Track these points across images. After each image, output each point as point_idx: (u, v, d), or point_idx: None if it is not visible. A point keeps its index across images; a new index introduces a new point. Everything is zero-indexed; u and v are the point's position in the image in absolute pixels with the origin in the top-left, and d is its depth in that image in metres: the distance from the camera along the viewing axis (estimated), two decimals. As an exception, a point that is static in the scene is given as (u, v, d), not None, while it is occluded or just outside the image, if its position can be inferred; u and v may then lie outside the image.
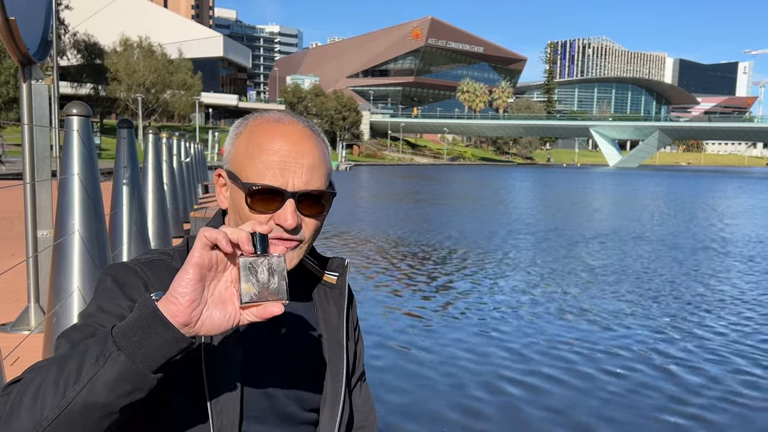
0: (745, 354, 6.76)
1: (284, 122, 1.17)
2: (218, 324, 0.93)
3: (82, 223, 3.65)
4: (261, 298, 0.92)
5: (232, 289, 0.94)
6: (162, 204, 7.66)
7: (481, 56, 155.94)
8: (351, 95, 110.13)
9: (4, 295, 5.14)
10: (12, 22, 3.67)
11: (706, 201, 32.65)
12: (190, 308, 0.90)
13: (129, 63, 67.22)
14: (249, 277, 0.92)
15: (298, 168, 1.12)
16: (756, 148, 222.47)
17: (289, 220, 1.11)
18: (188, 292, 0.89)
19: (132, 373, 0.88)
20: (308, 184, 1.13)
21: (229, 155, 1.19)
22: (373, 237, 15.23)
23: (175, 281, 0.91)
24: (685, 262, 12.62)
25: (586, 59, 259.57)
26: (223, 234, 0.91)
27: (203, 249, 0.91)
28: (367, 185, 41.15)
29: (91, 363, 0.88)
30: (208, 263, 0.91)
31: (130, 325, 0.90)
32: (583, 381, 5.85)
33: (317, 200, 1.16)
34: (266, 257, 0.93)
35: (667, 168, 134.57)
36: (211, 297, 0.93)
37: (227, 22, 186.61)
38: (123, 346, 0.88)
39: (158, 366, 0.90)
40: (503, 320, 7.86)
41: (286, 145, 1.13)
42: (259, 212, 1.12)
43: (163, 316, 0.89)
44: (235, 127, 1.21)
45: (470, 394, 5.46)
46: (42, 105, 4.25)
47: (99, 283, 1.13)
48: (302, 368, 1.23)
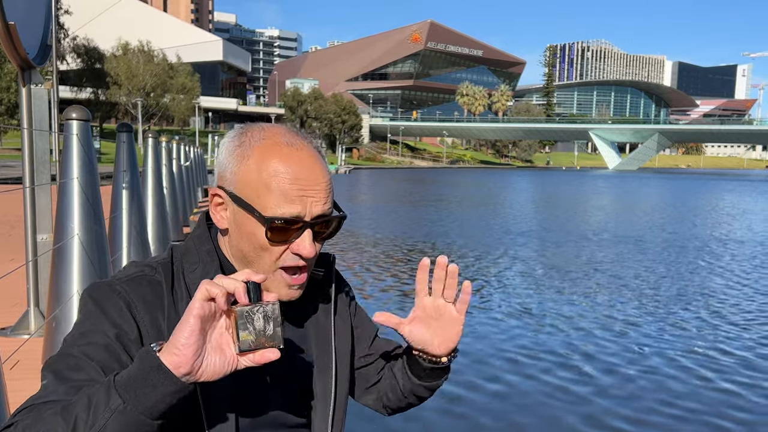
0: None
1: (297, 147, 1.13)
2: (218, 370, 0.95)
3: (82, 227, 3.65)
4: (258, 345, 0.95)
5: (227, 336, 0.96)
6: (162, 208, 7.65)
7: (481, 59, 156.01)
8: (350, 99, 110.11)
9: (3, 300, 5.13)
10: (12, 27, 3.68)
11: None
12: (193, 358, 0.91)
13: (129, 67, 67.22)
14: (246, 325, 0.94)
15: (315, 195, 1.11)
16: (755, 151, 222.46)
17: (308, 248, 1.11)
18: (191, 344, 0.91)
19: (136, 424, 0.90)
20: (324, 209, 1.13)
21: (233, 177, 1.13)
22: (388, 241, 15.22)
23: (177, 332, 0.92)
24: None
25: (585, 62, 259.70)
26: (221, 289, 0.93)
27: (203, 300, 0.92)
28: (367, 189, 41.12)
29: (97, 415, 0.90)
30: (208, 313, 0.93)
31: (134, 377, 0.91)
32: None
33: (329, 224, 1.16)
34: (261, 305, 0.95)
35: (666, 171, 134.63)
36: (209, 344, 0.94)
37: (227, 26, 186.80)
38: (128, 399, 0.90)
39: (159, 414, 0.92)
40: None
41: (302, 172, 1.10)
42: (276, 243, 1.11)
43: (168, 370, 0.90)
44: (236, 145, 1.14)
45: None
46: (42, 109, 4.26)
47: (81, 305, 1.11)
48: (293, 373, 1.22)
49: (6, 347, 3.64)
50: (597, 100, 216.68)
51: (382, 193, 37.40)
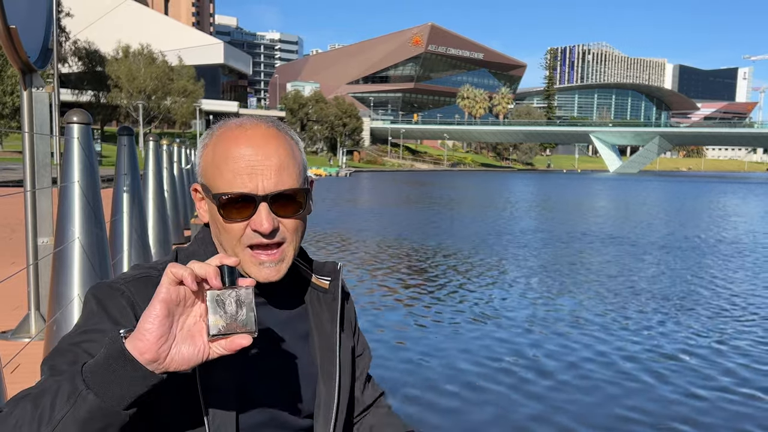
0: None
1: (246, 126, 1.15)
2: (188, 359, 0.92)
3: (83, 230, 3.64)
4: (229, 330, 0.91)
5: (201, 324, 0.94)
6: (162, 211, 7.65)
7: (481, 62, 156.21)
8: (352, 101, 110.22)
9: (4, 303, 5.13)
10: (13, 30, 3.68)
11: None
12: (157, 344, 0.89)
13: (130, 70, 67.34)
14: (217, 309, 0.91)
15: (265, 170, 1.10)
16: (756, 154, 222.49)
17: (265, 224, 1.09)
18: (155, 329, 0.89)
19: (102, 412, 0.88)
20: (278, 184, 1.11)
21: (200, 168, 1.18)
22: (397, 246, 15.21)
23: (143, 318, 0.90)
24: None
25: (586, 65, 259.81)
26: (189, 271, 0.91)
27: (170, 285, 0.90)
28: (367, 192, 41.13)
29: (62, 402, 0.88)
30: (175, 299, 0.91)
31: (99, 363, 0.90)
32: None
33: (292, 199, 1.14)
34: (234, 289, 0.92)
35: (667, 174, 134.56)
36: (180, 332, 0.92)
37: (228, 29, 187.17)
38: (92, 385, 0.88)
39: (128, 403, 0.90)
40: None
41: (250, 149, 1.11)
42: (233, 221, 1.11)
43: (130, 355, 0.88)
44: (201, 139, 1.20)
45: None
46: (43, 112, 4.25)
47: (84, 304, 1.11)
48: (295, 376, 1.22)
49: (7, 351, 3.64)
50: (598, 103, 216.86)
51: (382, 195, 37.42)
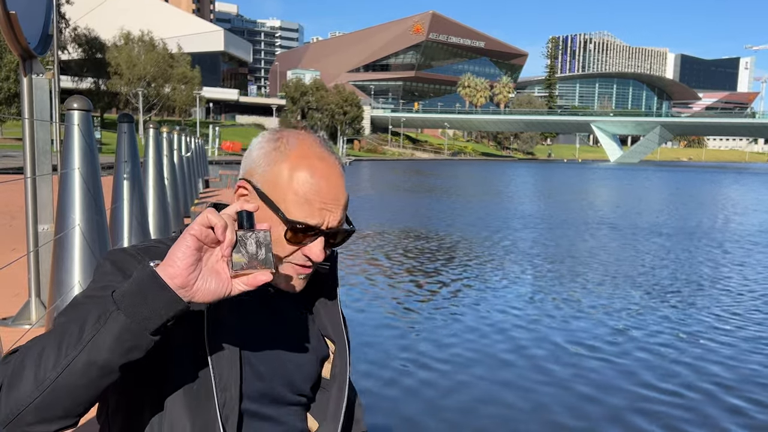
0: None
1: (327, 162, 1.24)
2: (213, 291, 1.01)
3: (83, 217, 3.65)
4: (250, 266, 1.02)
5: (222, 262, 1.02)
6: (163, 198, 7.65)
7: (482, 51, 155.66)
8: (352, 90, 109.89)
9: (4, 290, 5.14)
10: (13, 16, 3.67)
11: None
12: (188, 271, 0.98)
13: (130, 57, 67.08)
14: (239, 248, 1.02)
15: (334, 209, 1.22)
16: (757, 144, 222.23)
17: (319, 254, 1.22)
18: (186, 257, 0.97)
19: (131, 332, 0.95)
20: (339, 222, 1.24)
21: (263, 175, 1.22)
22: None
23: (174, 248, 0.99)
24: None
25: (588, 54, 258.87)
26: (221, 221, 1.00)
27: (202, 224, 0.99)
28: (366, 181, 41.09)
29: (91, 324, 0.95)
30: (204, 238, 0.99)
31: (130, 286, 0.98)
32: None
33: (340, 235, 1.27)
34: (254, 231, 1.03)
35: (668, 164, 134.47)
36: (205, 267, 1.01)
37: (228, 17, 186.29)
38: (122, 306, 0.95)
39: (156, 327, 0.97)
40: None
41: (328, 187, 1.21)
42: (294, 244, 1.21)
43: (161, 278, 0.97)
44: (271, 147, 1.24)
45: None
46: (43, 99, 4.25)
47: (98, 267, 1.18)
48: (297, 354, 1.29)
49: (7, 337, 3.65)
50: (599, 92, 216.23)
51: (381, 183, 37.39)
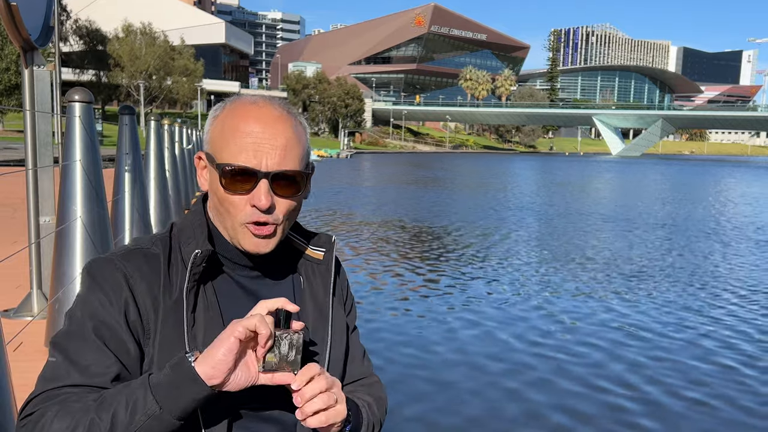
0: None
1: (259, 104, 1.19)
2: (242, 383, 1.08)
3: (84, 209, 3.65)
4: (279, 368, 1.07)
5: (252, 354, 1.08)
6: (164, 190, 7.65)
7: (484, 44, 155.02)
8: (354, 83, 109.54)
9: (6, 282, 5.15)
10: (14, 8, 3.66)
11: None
12: (227, 373, 1.05)
13: (131, 49, 66.89)
14: (273, 348, 1.07)
15: (271, 149, 1.15)
16: (759, 138, 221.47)
17: (263, 200, 1.14)
18: (228, 361, 1.04)
19: (165, 424, 1.04)
20: (281, 164, 1.16)
21: (208, 137, 1.22)
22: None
23: (216, 347, 1.05)
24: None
25: (590, 47, 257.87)
26: (267, 332, 1.05)
27: (248, 329, 1.05)
28: (368, 174, 41.02)
29: (135, 416, 1.02)
30: (246, 338, 1.06)
31: (171, 385, 1.04)
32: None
33: (292, 181, 1.18)
34: (289, 333, 1.08)
35: (670, 157, 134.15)
36: (239, 362, 1.08)
37: (229, 9, 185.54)
38: (164, 406, 1.03)
39: (186, 415, 1.05)
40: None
41: (259, 126, 1.15)
42: (233, 192, 1.16)
43: (202, 381, 1.04)
44: (213, 110, 1.24)
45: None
46: (44, 91, 4.24)
47: (82, 280, 1.19)
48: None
49: (9, 329, 3.65)
50: (601, 85, 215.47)
51: (381, 177, 37.34)
